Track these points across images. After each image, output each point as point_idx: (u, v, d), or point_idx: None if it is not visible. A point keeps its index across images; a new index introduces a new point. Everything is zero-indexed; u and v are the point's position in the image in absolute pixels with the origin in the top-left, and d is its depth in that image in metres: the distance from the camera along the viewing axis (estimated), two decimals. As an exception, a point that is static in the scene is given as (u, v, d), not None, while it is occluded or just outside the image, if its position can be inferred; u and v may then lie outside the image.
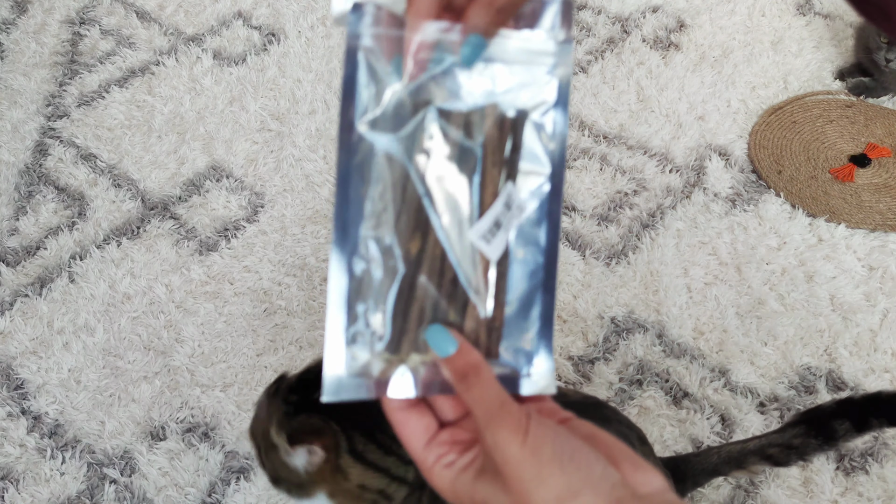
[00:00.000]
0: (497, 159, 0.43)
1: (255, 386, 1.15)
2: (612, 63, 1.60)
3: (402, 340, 0.42)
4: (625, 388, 1.13)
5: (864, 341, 1.18)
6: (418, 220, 0.42)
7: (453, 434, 0.43)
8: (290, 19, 1.70)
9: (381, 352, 0.42)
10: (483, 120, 0.43)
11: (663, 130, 1.48)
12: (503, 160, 0.43)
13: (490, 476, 0.40)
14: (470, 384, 0.40)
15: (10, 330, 1.23)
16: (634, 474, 0.39)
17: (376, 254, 0.42)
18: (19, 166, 1.46)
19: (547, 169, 0.44)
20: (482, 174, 0.43)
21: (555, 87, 0.44)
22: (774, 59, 1.59)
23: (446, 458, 0.42)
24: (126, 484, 1.07)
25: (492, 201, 0.43)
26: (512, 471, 0.38)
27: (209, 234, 1.34)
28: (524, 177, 0.44)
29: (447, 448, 0.42)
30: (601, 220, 1.34)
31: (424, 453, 0.42)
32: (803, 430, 0.81)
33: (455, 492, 0.41)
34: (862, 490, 1.04)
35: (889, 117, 1.51)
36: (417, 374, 0.42)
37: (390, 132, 0.42)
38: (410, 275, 0.42)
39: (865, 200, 1.37)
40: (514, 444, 0.38)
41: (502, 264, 0.43)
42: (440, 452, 0.42)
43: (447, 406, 0.44)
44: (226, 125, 1.50)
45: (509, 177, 0.43)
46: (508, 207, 0.43)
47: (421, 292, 0.42)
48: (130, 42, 1.67)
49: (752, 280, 1.25)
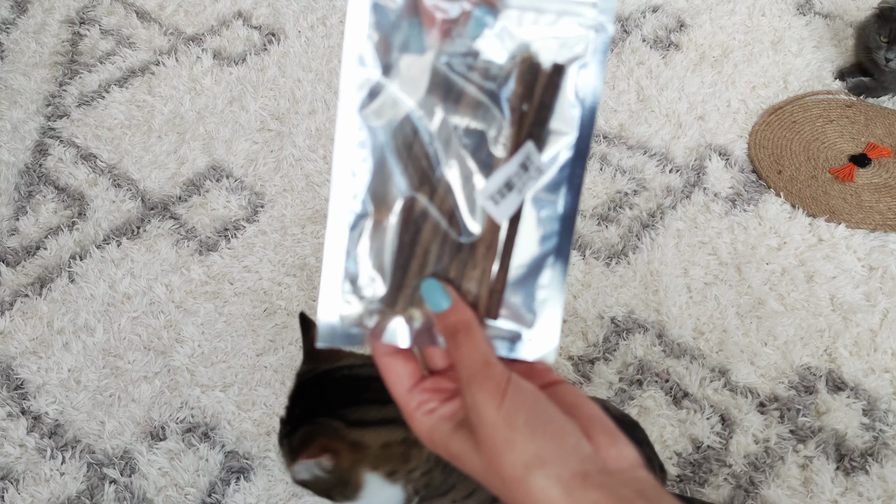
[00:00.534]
0: (516, 117, 0.40)
1: (254, 386, 1.15)
2: (612, 63, 1.60)
3: (398, 294, 0.42)
4: (625, 388, 1.13)
5: (864, 341, 1.18)
6: (424, 173, 0.41)
7: (438, 382, 0.43)
8: (290, 19, 1.70)
9: (376, 304, 0.42)
10: (510, 72, 0.40)
11: (663, 130, 1.48)
12: (523, 117, 0.40)
13: (466, 432, 0.41)
14: (458, 342, 0.41)
15: (10, 330, 1.23)
16: (609, 449, 0.39)
17: (377, 206, 0.41)
18: (19, 166, 1.46)
19: (574, 131, 0.41)
20: (498, 130, 0.40)
21: (593, 42, 0.40)
22: (774, 59, 1.59)
23: (428, 404, 0.42)
24: (126, 484, 1.07)
25: (506, 159, 0.41)
26: (485, 432, 0.39)
27: (209, 234, 1.34)
28: (549, 137, 0.41)
29: (430, 395, 0.43)
30: (601, 219, 1.34)
31: (407, 397, 0.43)
32: None
33: (432, 440, 0.42)
34: (862, 490, 1.04)
35: (889, 117, 1.50)
36: (412, 325, 0.42)
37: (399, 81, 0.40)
38: (413, 230, 0.41)
39: (865, 200, 1.36)
40: (491, 406, 0.38)
41: (513, 226, 0.42)
42: (422, 399, 0.43)
43: (438, 354, 0.45)
44: (226, 125, 1.50)
45: (532, 136, 0.41)
46: (525, 168, 0.41)
47: (422, 248, 0.42)
48: (130, 42, 1.67)
49: (752, 280, 1.25)
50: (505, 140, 0.41)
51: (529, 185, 0.41)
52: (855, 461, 1.06)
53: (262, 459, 1.08)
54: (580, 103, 0.41)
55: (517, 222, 0.42)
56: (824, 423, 1.09)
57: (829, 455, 1.06)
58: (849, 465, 1.06)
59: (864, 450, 1.07)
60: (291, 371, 1.17)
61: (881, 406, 1.11)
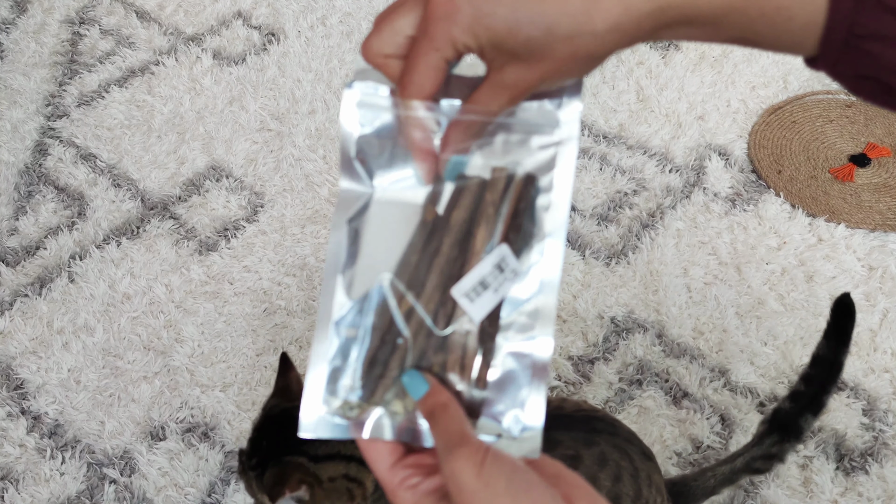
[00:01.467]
0: (489, 220, 0.43)
1: (254, 386, 1.15)
2: (611, 63, 1.60)
3: (377, 388, 0.44)
4: (625, 388, 1.13)
5: (864, 341, 1.18)
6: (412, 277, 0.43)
7: (420, 458, 0.44)
8: (290, 19, 1.70)
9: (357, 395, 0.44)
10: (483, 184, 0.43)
11: (663, 130, 1.48)
12: (495, 221, 0.43)
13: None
14: (436, 419, 0.41)
15: (10, 330, 1.23)
16: None
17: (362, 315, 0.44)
18: (19, 166, 1.46)
19: (546, 234, 0.43)
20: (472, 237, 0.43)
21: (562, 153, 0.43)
22: (774, 59, 1.59)
23: (411, 480, 0.43)
24: (126, 484, 1.07)
25: (476, 261, 0.43)
26: (465, 499, 0.39)
27: (209, 234, 1.34)
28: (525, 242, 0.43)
29: (412, 470, 0.43)
30: (601, 219, 1.34)
31: (389, 474, 0.43)
32: (777, 437, 0.88)
33: None
34: (862, 490, 1.04)
35: (889, 117, 1.50)
36: (395, 419, 0.44)
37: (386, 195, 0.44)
38: (395, 331, 0.43)
39: (865, 200, 1.37)
40: (470, 474, 0.39)
41: (492, 325, 0.43)
42: (405, 475, 0.43)
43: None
44: (225, 125, 1.50)
45: (507, 241, 0.43)
46: (501, 270, 0.43)
47: (403, 347, 0.43)
48: (130, 42, 1.67)
49: (751, 280, 1.25)
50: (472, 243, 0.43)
51: (506, 286, 0.43)
52: (855, 461, 1.06)
53: (261, 459, 1.08)
54: (551, 208, 0.43)
55: (496, 321, 0.43)
56: (824, 423, 1.09)
57: (829, 455, 1.06)
58: (849, 465, 1.06)
59: (864, 450, 1.07)
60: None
61: (881, 406, 1.11)
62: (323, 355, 0.44)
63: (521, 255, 0.43)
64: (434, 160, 0.44)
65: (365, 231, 0.44)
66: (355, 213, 0.44)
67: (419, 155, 0.44)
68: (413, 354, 0.43)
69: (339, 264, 0.44)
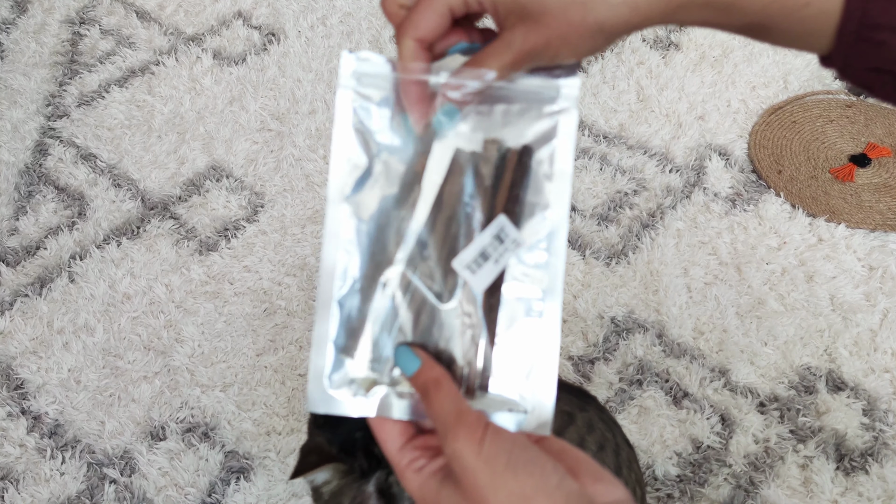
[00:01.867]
0: (486, 191, 0.43)
1: (254, 386, 1.15)
2: (611, 62, 1.60)
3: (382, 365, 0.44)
4: (625, 388, 1.13)
5: (864, 341, 1.18)
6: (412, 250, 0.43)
7: (427, 440, 0.44)
8: (290, 19, 1.70)
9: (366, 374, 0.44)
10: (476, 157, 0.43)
11: (663, 130, 1.48)
12: (494, 193, 0.43)
13: (453, 483, 0.41)
14: (430, 398, 0.41)
15: (10, 330, 1.23)
16: (595, 485, 0.39)
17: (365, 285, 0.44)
18: (19, 166, 1.46)
19: (548, 205, 0.43)
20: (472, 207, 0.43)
21: (561, 124, 0.43)
22: (774, 59, 1.59)
23: (417, 462, 0.43)
24: (126, 484, 1.07)
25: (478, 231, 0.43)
26: (468, 479, 0.39)
27: (209, 234, 1.34)
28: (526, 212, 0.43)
29: (419, 452, 0.43)
30: (601, 219, 1.34)
31: (398, 456, 0.43)
32: None
33: (423, 496, 0.42)
34: (862, 490, 1.04)
35: (889, 117, 1.50)
36: (402, 397, 0.44)
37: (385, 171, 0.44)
38: (397, 304, 0.43)
39: (865, 200, 1.37)
40: (470, 453, 0.39)
41: (494, 297, 0.43)
42: (413, 456, 0.43)
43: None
44: (226, 125, 1.50)
45: (506, 212, 0.43)
46: (500, 240, 0.43)
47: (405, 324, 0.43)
48: (130, 42, 1.67)
49: (752, 280, 1.25)
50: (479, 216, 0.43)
51: (506, 256, 0.43)
52: (855, 461, 1.06)
53: (262, 459, 1.08)
54: (553, 178, 0.43)
55: (498, 292, 0.43)
56: (824, 423, 1.09)
57: (829, 455, 1.06)
58: (849, 465, 1.06)
59: (864, 450, 1.07)
60: (291, 371, 1.17)
61: (881, 406, 1.11)
62: (326, 333, 0.44)
63: (523, 225, 0.43)
64: (426, 107, 0.43)
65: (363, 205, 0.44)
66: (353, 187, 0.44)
67: (412, 102, 0.43)
68: (416, 331, 0.43)
69: (338, 241, 0.44)
